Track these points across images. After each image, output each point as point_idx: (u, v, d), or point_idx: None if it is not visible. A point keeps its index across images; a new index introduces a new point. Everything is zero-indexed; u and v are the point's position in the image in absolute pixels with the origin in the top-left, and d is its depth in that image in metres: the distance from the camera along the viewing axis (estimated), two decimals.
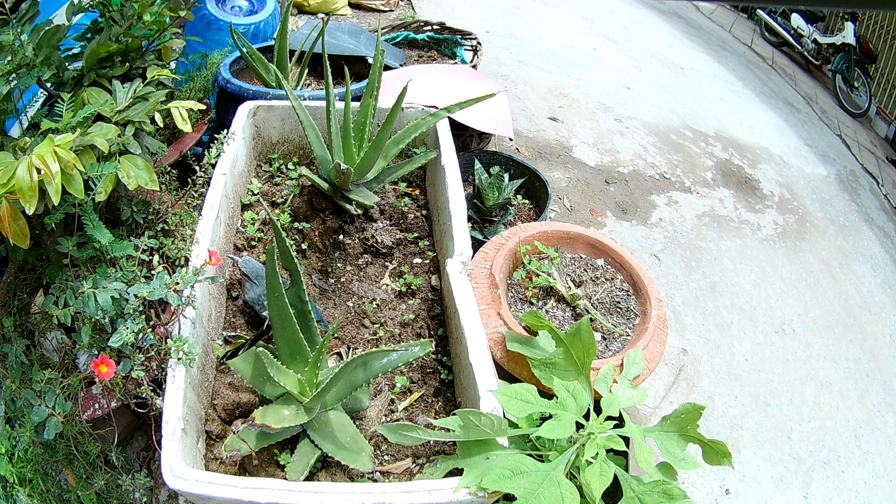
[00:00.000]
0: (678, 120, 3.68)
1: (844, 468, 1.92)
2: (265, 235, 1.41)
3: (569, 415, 0.93)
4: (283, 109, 1.55)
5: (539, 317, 1.10)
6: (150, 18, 1.36)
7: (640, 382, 1.17)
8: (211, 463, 0.99)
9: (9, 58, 1.14)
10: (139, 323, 0.93)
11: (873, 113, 5.01)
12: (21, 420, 1.07)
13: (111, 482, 1.13)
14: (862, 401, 2.18)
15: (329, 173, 1.38)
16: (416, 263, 1.42)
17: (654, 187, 2.98)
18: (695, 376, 2.06)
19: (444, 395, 1.16)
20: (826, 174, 3.70)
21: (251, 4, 2.30)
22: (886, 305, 2.72)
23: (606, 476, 0.88)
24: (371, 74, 1.38)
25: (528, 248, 1.42)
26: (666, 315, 1.34)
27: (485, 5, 4.74)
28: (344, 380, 0.97)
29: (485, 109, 1.95)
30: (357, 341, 1.24)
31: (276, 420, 0.93)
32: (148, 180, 1.08)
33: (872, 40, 5.30)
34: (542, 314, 1.12)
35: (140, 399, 0.96)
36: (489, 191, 1.89)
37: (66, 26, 1.22)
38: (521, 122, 3.20)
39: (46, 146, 0.91)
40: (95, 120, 1.12)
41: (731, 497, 1.73)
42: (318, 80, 2.12)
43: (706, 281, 2.49)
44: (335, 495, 0.81)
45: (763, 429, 1.96)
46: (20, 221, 0.94)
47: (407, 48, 2.68)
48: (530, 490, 0.83)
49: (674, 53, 4.79)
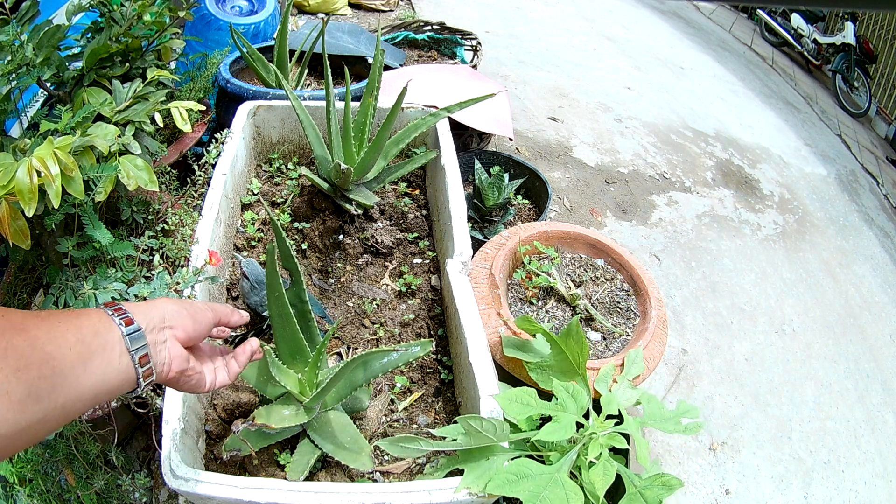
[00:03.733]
0: (678, 120, 3.68)
1: (844, 468, 1.92)
2: (265, 235, 1.41)
3: (569, 416, 0.93)
4: (283, 109, 1.55)
5: (531, 321, 1.10)
6: (150, 18, 1.36)
7: (640, 382, 1.17)
8: (211, 463, 0.99)
9: (9, 58, 1.14)
10: None
11: (873, 113, 5.01)
12: None
13: (111, 482, 1.13)
14: (862, 401, 2.18)
15: (329, 173, 1.38)
16: (416, 263, 1.42)
17: (654, 187, 2.98)
18: (695, 376, 2.06)
19: (444, 394, 1.16)
20: (826, 174, 3.70)
21: (251, 4, 2.30)
22: (886, 305, 2.72)
23: (609, 475, 0.88)
24: (371, 74, 1.38)
25: (527, 248, 1.42)
26: (666, 315, 1.34)
27: (485, 5, 4.74)
28: (344, 380, 0.97)
29: (485, 109, 1.95)
30: (357, 341, 1.24)
31: (277, 420, 0.93)
32: (148, 181, 1.08)
33: (872, 40, 5.30)
34: (533, 318, 1.11)
35: (140, 399, 0.96)
36: (489, 191, 1.89)
37: (66, 26, 1.22)
38: (521, 122, 3.21)
39: (46, 148, 0.91)
40: (95, 120, 1.12)
41: (731, 497, 1.73)
42: (318, 80, 2.12)
43: (706, 281, 2.49)
44: (335, 495, 0.81)
45: (763, 429, 1.96)
46: (20, 222, 0.94)
47: (407, 48, 2.68)
48: (535, 493, 0.84)
49: (674, 53, 4.79)
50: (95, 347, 0.53)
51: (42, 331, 0.50)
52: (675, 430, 0.98)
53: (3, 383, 0.45)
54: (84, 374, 0.52)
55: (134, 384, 0.58)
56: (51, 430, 0.50)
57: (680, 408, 1.02)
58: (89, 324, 0.54)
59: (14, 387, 0.45)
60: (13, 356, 0.46)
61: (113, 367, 0.54)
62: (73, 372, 0.50)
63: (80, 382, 0.51)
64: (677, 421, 0.99)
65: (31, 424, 0.47)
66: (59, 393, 0.49)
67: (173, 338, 0.63)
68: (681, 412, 1.01)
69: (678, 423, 0.99)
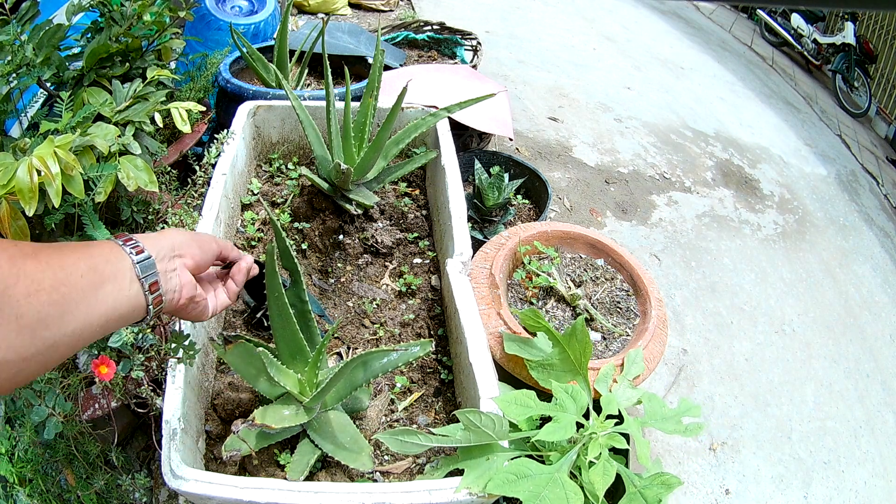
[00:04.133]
0: (678, 120, 3.68)
1: (844, 468, 1.92)
2: (265, 235, 1.41)
3: (568, 416, 0.93)
4: (283, 109, 1.55)
5: (538, 316, 1.10)
6: (150, 18, 1.36)
7: (640, 382, 1.17)
8: (211, 463, 0.99)
9: (9, 58, 1.14)
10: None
11: (873, 113, 5.01)
12: (21, 420, 1.07)
13: (111, 482, 1.13)
14: (862, 401, 2.18)
15: (329, 173, 1.38)
16: (416, 263, 1.42)
17: (654, 187, 2.98)
18: (695, 376, 2.06)
19: (444, 395, 1.16)
20: (826, 174, 3.70)
21: (251, 4, 2.30)
22: (886, 305, 2.72)
23: (609, 475, 0.88)
24: (371, 74, 1.38)
25: (527, 248, 1.42)
26: (666, 315, 1.34)
27: (485, 5, 4.74)
28: (344, 380, 0.97)
29: (485, 109, 1.95)
30: (357, 341, 1.24)
31: (276, 420, 0.93)
32: (147, 181, 1.08)
33: (872, 40, 5.30)
34: (541, 313, 1.11)
35: (140, 399, 0.96)
36: (489, 191, 1.89)
37: (66, 26, 1.22)
38: (521, 122, 3.21)
39: (46, 147, 0.91)
40: (95, 120, 1.12)
41: (731, 497, 1.73)
42: (318, 80, 2.12)
43: (706, 281, 2.49)
44: (335, 495, 0.81)
45: (763, 429, 1.96)
46: (20, 222, 0.94)
47: (407, 48, 2.68)
48: (535, 493, 0.84)
49: (674, 53, 4.79)
50: (107, 275, 0.54)
51: (54, 258, 0.50)
52: (675, 431, 0.98)
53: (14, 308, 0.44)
54: (95, 301, 0.52)
55: (144, 312, 0.59)
56: (60, 357, 0.50)
57: (681, 406, 1.01)
58: (101, 252, 0.55)
59: (24, 311, 0.45)
60: (24, 281, 0.46)
61: (123, 294, 0.55)
62: (84, 299, 0.51)
63: (90, 309, 0.52)
64: (678, 420, 0.99)
65: (40, 351, 0.47)
66: (69, 319, 0.49)
67: (183, 266, 0.64)
68: (682, 411, 1.01)
69: (679, 423, 0.99)
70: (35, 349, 0.46)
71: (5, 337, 0.44)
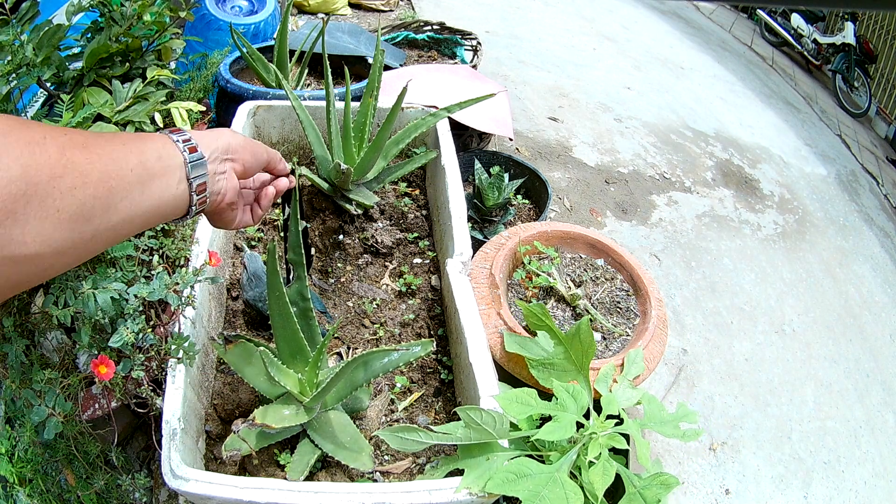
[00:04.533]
0: (678, 120, 3.68)
1: (844, 468, 1.92)
2: (265, 235, 1.41)
3: (569, 416, 0.93)
4: (282, 109, 1.55)
5: (544, 312, 1.10)
6: (150, 18, 1.36)
7: (640, 382, 1.17)
8: (211, 463, 0.99)
9: (9, 58, 1.14)
10: (139, 323, 0.93)
11: (873, 113, 5.01)
12: (21, 420, 1.07)
13: (111, 482, 1.13)
14: (862, 401, 2.18)
15: (329, 173, 1.38)
16: (416, 263, 1.42)
17: (654, 187, 2.98)
18: (695, 376, 2.06)
19: (444, 395, 1.16)
20: (826, 174, 3.70)
21: (251, 4, 2.30)
22: (886, 305, 2.72)
23: (609, 475, 0.88)
24: (371, 74, 1.38)
25: (527, 248, 1.42)
26: (666, 315, 1.34)
27: (485, 5, 4.74)
28: (344, 380, 0.97)
29: (485, 109, 1.95)
30: (357, 341, 1.24)
31: (276, 420, 0.93)
32: None
33: (872, 40, 5.30)
34: (547, 310, 1.11)
35: (140, 399, 0.96)
36: (489, 191, 1.89)
37: (66, 26, 1.22)
38: (521, 122, 3.21)
39: None
40: (95, 120, 1.12)
41: (731, 497, 1.73)
42: (318, 80, 2.12)
43: (706, 281, 2.49)
44: (335, 495, 0.81)
45: (763, 429, 1.96)
46: None
47: (407, 48, 2.68)
48: (535, 493, 0.84)
49: (674, 53, 4.79)
50: (157, 171, 0.53)
51: (106, 150, 0.48)
52: (673, 435, 0.98)
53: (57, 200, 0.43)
54: (141, 196, 0.51)
55: (184, 211, 0.58)
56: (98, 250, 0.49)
57: (679, 411, 1.02)
58: (153, 147, 0.54)
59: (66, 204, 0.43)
60: (70, 174, 0.44)
61: (170, 192, 0.54)
62: (129, 194, 0.49)
63: (135, 205, 0.50)
64: (676, 425, 0.99)
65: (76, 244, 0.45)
66: (111, 214, 0.48)
67: (232, 170, 0.64)
68: (680, 416, 1.01)
69: (677, 428, 0.99)
70: (72, 242, 0.45)
71: (41, 230, 0.42)
